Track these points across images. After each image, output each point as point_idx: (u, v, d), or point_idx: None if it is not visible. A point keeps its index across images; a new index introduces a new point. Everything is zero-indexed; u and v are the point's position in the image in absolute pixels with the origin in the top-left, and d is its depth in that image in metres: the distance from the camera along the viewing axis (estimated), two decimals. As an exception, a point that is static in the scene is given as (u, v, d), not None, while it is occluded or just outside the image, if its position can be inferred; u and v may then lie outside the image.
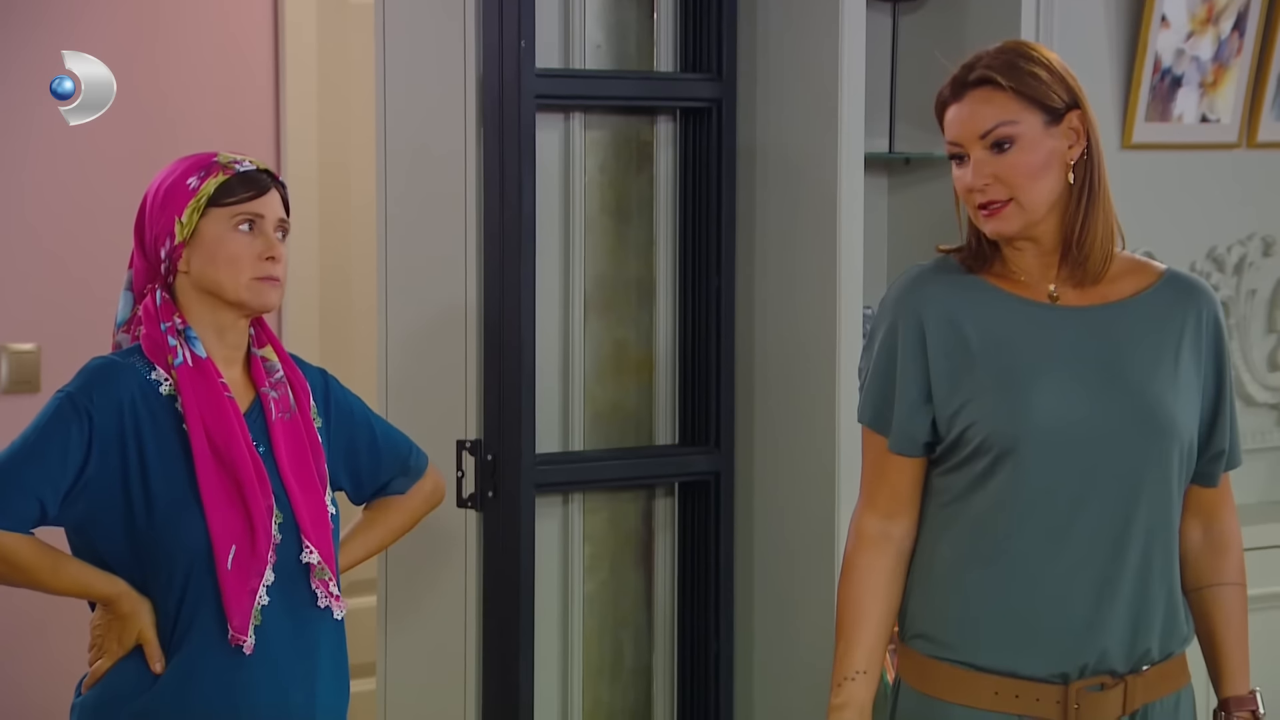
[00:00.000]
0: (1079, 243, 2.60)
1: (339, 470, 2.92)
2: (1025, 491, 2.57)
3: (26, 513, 2.64)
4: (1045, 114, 2.58)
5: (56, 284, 4.57)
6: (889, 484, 2.66)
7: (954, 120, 2.61)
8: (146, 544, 2.68)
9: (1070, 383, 2.58)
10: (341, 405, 2.93)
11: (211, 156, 2.80)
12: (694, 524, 3.98)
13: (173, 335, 2.73)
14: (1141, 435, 2.58)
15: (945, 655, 2.62)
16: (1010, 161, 2.57)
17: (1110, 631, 2.59)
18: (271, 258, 2.74)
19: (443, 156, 3.75)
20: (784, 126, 3.89)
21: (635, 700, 4.03)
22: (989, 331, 2.61)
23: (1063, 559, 2.58)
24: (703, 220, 3.93)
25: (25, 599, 4.38)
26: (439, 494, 3.12)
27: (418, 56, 3.79)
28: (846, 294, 3.80)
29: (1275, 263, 4.48)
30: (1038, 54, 2.62)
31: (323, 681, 2.78)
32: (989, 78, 2.57)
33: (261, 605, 2.69)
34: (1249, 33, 4.29)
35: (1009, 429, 2.56)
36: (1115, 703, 2.60)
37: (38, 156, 4.55)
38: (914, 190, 4.10)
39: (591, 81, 3.85)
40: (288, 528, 2.73)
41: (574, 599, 3.92)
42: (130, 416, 2.69)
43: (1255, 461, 4.42)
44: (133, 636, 2.69)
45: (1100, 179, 2.61)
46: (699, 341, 3.95)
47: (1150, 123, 4.21)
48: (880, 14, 4.03)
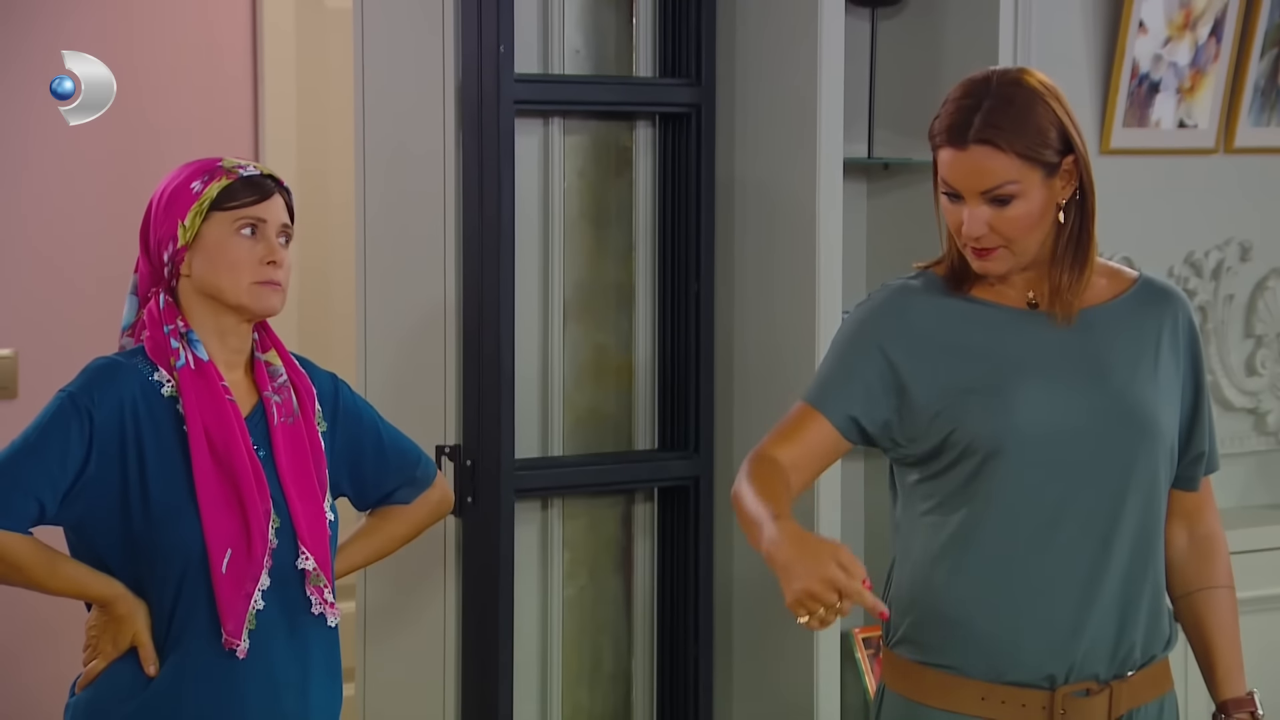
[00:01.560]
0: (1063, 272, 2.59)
1: (342, 476, 2.92)
2: (1010, 495, 2.57)
3: (26, 512, 2.64)
4: (1044, 169, 2.55)
5: (35, 289, 4.56)
6: (798, 443, 2.59)
7: (953, 168, 2.56)
8: (142, 545, 2.67)
9: (1054, 386, 2.58)
10: (350, 411, 2.92)
11: (216, 161, 2.79)
12: (673, 529, 3.98)
13: (175, 338, 2.73)
14: (1126, 436, 2.59)
15: (931, 660, 2.61)
16: (1009, 216, 2.55)
17: (1095, 632, 2.59)
18: (273, 262, 2.73)
19: (421, 160, 3.75)
20: (763, 132, 3.90)
21: (615, 705, 4.03)
22: (969, 339, 2.61)
23: (1048, 561, 2.58)
24: (682, 225, 3.94)
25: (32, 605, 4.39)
26: (445, 506, 3.10)
27: (396, 60, 3.79)
28: (825, 299, 3.81)
29: (1252, 268, 4.50)
30: (1040, 99, 2.56)
31: (316, 687, 2.78)
32: (994, 140, 2.53)
33: (256, 610, 2.69)
34: (1226, 38, 4.30)
35: (994, 433, 2.56)
36: (1101, 709, 2.60)
37: (14, 161, 4.54)
38: (893, 195, 4.10)
39: (570, 87, 3.85)
40: (285, 533, 2.73)
41: (553, 604, 3.92)
42: (131, 417, 2.69)
43: (1233, 466, 4.43)
44: (128, 638, 2.69)
45: (1091, 216, 2.60)
46: (678, 346, 3.95)
47: (1128, 128, 4.22)
48: (859, 19, 4.03)
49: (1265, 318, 4.52)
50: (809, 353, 3.81)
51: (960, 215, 2.57)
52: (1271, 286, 4.51)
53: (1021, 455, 2.56)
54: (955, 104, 2.58)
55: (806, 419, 2.62)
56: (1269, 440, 4.57)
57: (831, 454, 2.64)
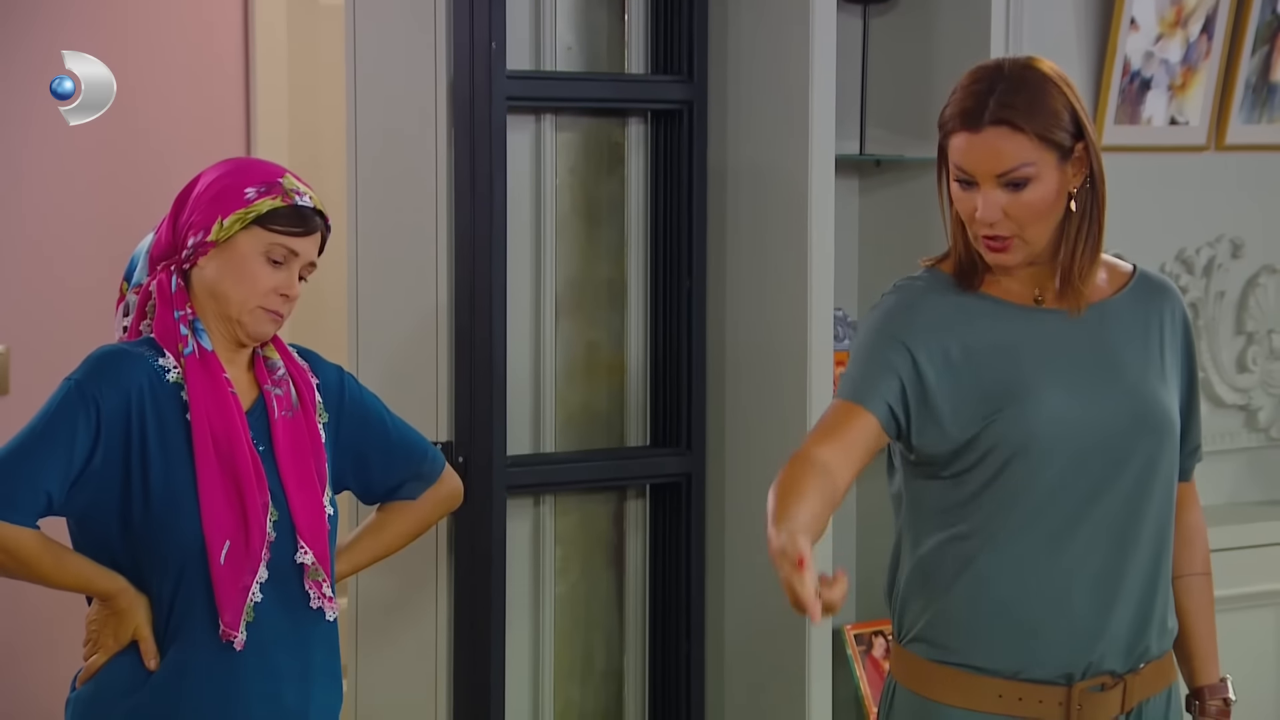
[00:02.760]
0: (1075, 262, 2.59)
1: (346, 470, 2.91)
2: (1032, 496, 2.57)
3: (32, 505, 2.63)
4: (1059, 153, 2.55)
5: (26, 285, 4.56)
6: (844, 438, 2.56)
7: (968, 150, 2.55)
8: (142, 535, 2.68)
9: (1074, 385, 2.58)
10: (355, 404, 2.92)
11: (278, 176, 2.78)
12: (665, 525, 3.98)
13: (184, 324, 2.73)
14: (1141, 433, 2.59)
15: (948, 659, 2.61)
16: (1025, 200, 2.54)
17: (1115, 630, 2.59)
18: (285, 295, 2.75)
19: (413, 157, 3.76)
20: (755, 129, 3.90)
21: (606, 701, 4.04)
22: (986, 341, 2.59)
23: (1068, 560, 2.58)
24: (674, 222, 3.94)
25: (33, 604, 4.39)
26: (453, 500, 3.09)
27: (388, 56, 3.79)
28: (817, 296, 3.82)
29: (1244, 265, 4.50)
30: (1051, 86, 2.56)
31: (317, 681, 2.78)
32: (1011, 120, 2.53)
33: (255, 602, 2.70)
34: (1217, 36, 4.30)
35: (1018, 435, 2.55)
36: (1115, 702, 2.61)
37: (7, 158, 4.54)
38: (884, 192, 4.10)
39: (563, 83, 3.86)
40: (283, 527, 2.73)
41: (545, 600, 3.93)
42: (137, 406, 2.68)
43: (1223, 463, 4.44)
44: (128, 633, 2.69)
45: (1102, 204, 2.60)
46: (670, 343, 3.96)
47: (1120, 125, 4.22)
48: (851, 16, 4.04)
49: (1256, 314, 4.52)
50: (801, 349, 3.82)
51: (974, 203, 2.56)
52: (1262, 283, 4.52)
53: (1044, 456, 2.56)
54: (967, 90, 2.57)
55: (847, 414, 2.58)
56: (1260, 437, 4.57)
57: (874, 446, 2.60)
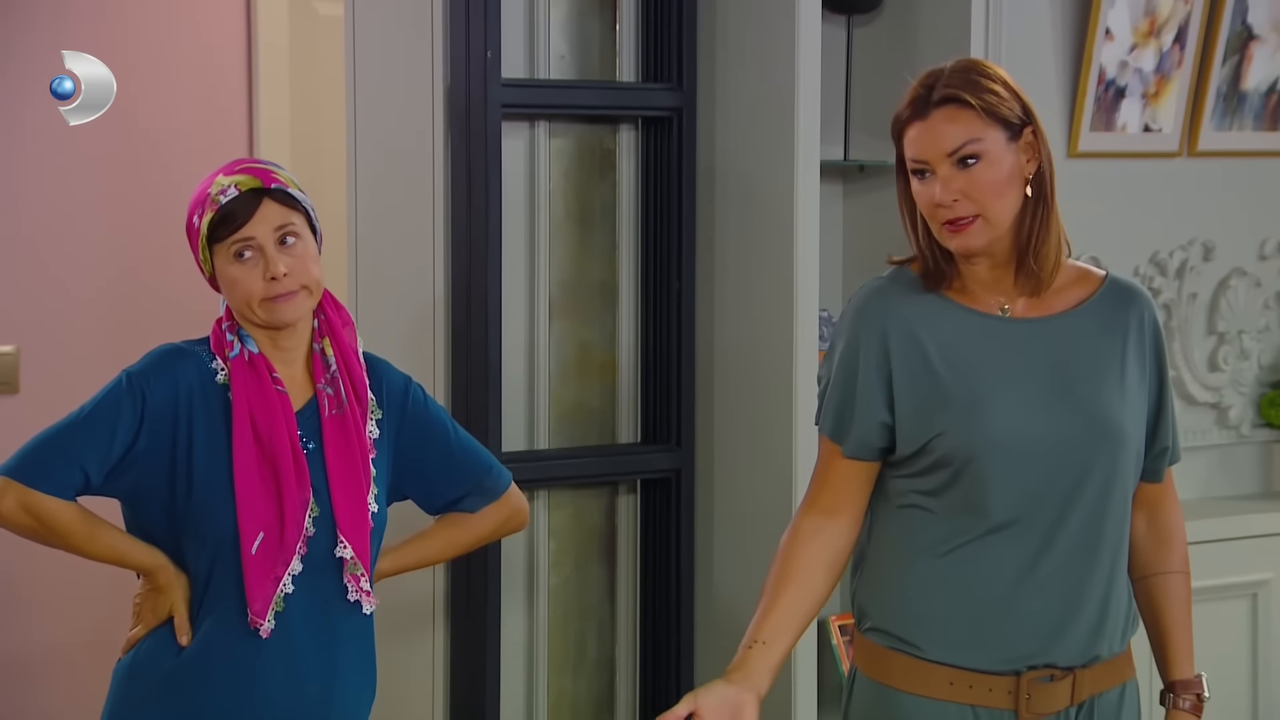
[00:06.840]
0: (1034, 254, 2.62)
1: (406, 479, 2.94)
2: (983, 500, 2.60)
3: (70, 479, 2.73)
4: (1006, 131, 2.59)
5: (35, 285, 4.52)
6: (833, 487, 2.68)
7: (918, 138, 2.60)
8: (183, 521, 2.77)
9: (1026, 397, 2.61)
10: (418, 415, 2.94)
11: (206, 189, 2.81)
12: (655, 520, 3.99)
13: (231, 332, 2.82)
14: (1092, 446, 2.62)
15: (901, 648, 2.65)
16: (977, 178, 2.58)
17: (1071, 636, 2.63)
18: (274, 278, 2.77)
19: (411, 163, 3.76)
20: (742, 135, 3.91)
21: (599, 691, 4.05)
22: (948, 346, 2.63)
23: (1023, 568, 2.61)
24: (664, 226, 3.95)
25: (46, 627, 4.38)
26: (516, 520, 3.07)
27: (387, 66, 3.78)
28: (803, 297, 3.83)
29: (1215, 267, 4.52)
30: (993, 71, 2.63)
31: (344, 675, 2.84)
32: (955, 96, 2.58)
33: (285, 594, 2.76)
34: (1189, 45, 4.32)
35: (970, 443, 2.59)
36: (1064, 693, 2.64)
37: (13, 159, 4.49)
38: (868, 197, 4.12)
39: (556, 91, 3.86)
40: (324, 522, 2.79)
41: (539, 593, 3.94)
42: (185, 400, 2.77)
43: (1195, 459, 4.46)
44: (166, 608, 2.79)
45: (1052, 192, 2.64)
46: (660, 343, 3.96)
47: (1095, 132, 4.24)
48: (835, 26, 4.06)
49: (1227, 315, 4.54)
50: (787, 349, 3.83)
51: (932, 191, 2.59)
52: (1233, 285, 4.54)
53: (994, 464, 2.59)
54: (914, 88, 2.64)
55: (833, 462, 2.68)
56: (1230, 434, 4.59)
57: (870, 477, 2.69)
